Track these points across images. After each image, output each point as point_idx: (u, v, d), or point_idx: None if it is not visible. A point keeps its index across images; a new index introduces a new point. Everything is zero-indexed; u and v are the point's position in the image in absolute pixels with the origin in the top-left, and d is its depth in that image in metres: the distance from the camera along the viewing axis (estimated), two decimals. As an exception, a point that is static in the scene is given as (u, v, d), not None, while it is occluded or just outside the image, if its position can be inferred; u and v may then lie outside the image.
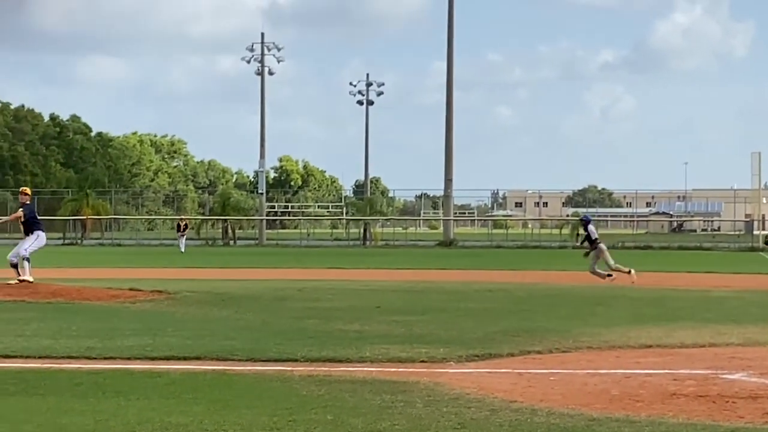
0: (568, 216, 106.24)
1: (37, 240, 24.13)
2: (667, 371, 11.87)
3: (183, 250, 59.21)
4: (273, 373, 11.45)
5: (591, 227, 31.41)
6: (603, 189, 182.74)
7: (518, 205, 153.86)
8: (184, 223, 65.64)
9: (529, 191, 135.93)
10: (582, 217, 36.28)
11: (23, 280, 23.46)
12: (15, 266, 23.87)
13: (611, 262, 30.92)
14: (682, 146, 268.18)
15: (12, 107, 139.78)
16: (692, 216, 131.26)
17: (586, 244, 31.29)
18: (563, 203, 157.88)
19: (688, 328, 16.92)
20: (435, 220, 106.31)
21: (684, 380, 11.16)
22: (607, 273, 30.75)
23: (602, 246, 31.07)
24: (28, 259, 23.81)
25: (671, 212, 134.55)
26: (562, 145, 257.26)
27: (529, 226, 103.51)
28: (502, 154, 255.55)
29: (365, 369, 11.86)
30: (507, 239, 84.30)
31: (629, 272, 30.23)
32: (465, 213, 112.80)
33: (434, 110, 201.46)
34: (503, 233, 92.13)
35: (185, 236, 63.06)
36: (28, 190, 25.09)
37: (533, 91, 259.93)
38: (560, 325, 17.04)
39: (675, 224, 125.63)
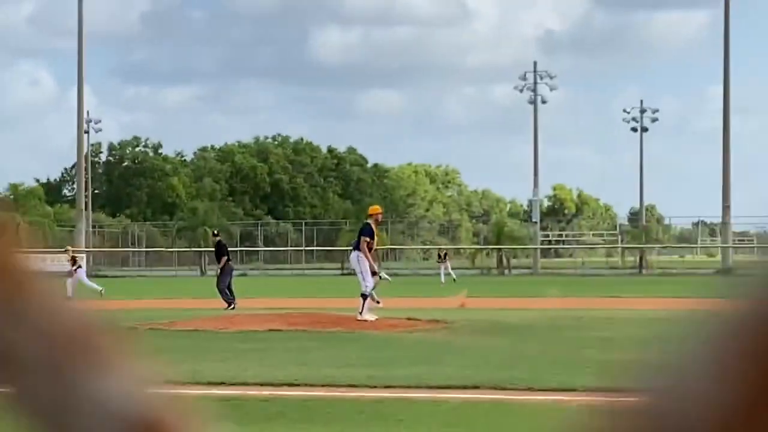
0: None
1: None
2: None
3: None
4: (552, 403, 11.35)
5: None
6: None
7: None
8: (444, 252, 65.57)
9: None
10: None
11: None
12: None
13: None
14: None
15: (291, 140, 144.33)
16: None
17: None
18: None
19: None
20: (713, 247, 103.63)
21: None
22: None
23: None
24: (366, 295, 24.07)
25: None
26: None
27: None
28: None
29: (646, 400, 11.62)
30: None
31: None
32: (744, 240, 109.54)
33: (711, 135, 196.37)
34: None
35: (448, 265, 62.45)
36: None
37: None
38: None
39: None
